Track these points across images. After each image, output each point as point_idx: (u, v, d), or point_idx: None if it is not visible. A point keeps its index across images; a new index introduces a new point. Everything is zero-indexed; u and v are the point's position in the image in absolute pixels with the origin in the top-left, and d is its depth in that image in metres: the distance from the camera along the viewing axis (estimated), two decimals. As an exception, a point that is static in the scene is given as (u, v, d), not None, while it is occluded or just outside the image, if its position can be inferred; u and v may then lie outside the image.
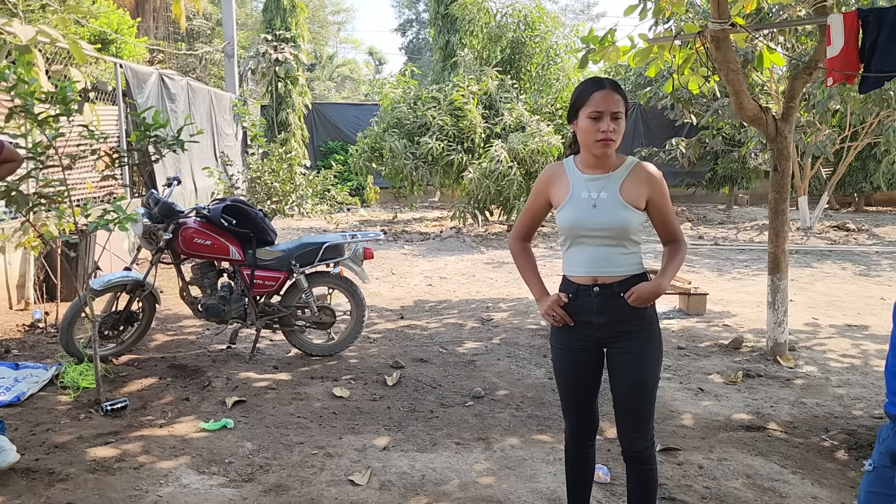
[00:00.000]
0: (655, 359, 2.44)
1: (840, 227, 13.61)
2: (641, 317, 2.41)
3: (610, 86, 2.33)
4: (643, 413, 2.44)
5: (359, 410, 4.20)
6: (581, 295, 2.42)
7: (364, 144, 12.82)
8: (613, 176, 2.39)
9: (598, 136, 2.31)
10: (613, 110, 2.30)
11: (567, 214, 2.41)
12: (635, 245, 2.43)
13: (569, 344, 2.50)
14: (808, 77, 4.92)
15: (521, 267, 2.64)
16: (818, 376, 4.95)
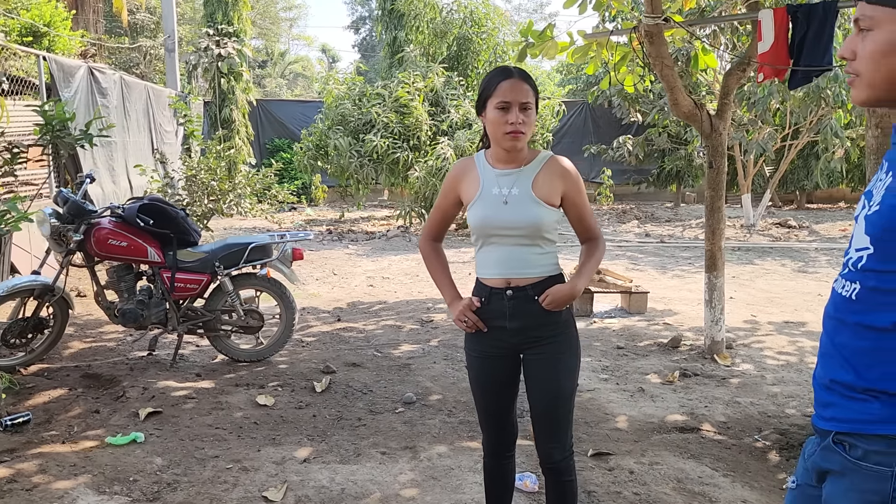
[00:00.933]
0: (572, 365, 2.31)
1: (782, 224, 13.85)
2: (557, 321, 2.27)
3: (518, 75, 2.19)
4: (560, 422, 2.31)
5: (282, 420, 4.00)
6: (494, 298, 2.28)
7: (309, 142, 12.56)
8: (525, 171, 2.25)
9: (506, 128, 2.17)
10: (522, 100, 2.16)
11: (477, 212, 2.26)
12: (550, 244, 2.29)
13: (483, 351, 2.35)
14: (742, 73, 4.89)
15: (431, 269, 2.48)
16: (754, 374, 4.93)
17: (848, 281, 1.36)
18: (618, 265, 9.03)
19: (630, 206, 17.14)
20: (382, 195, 17.39)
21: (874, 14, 1.25)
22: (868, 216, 1.32)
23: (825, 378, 1.39)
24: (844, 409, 1.34)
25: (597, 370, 4.98)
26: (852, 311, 1.33)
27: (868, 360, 1.30)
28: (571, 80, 21.75)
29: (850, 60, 1.32)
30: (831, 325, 1.40)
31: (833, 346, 1.38)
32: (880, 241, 1.27)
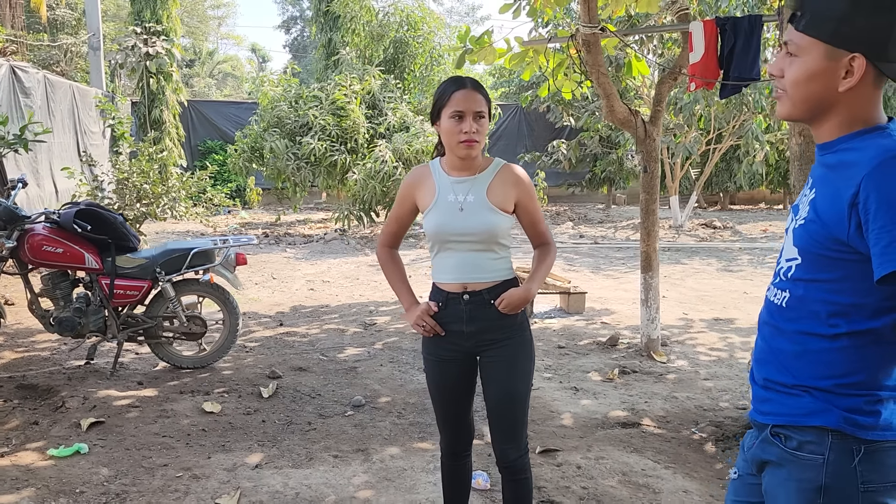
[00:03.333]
0: (527, 367, 2.39)
1: (708, 224, 14.42)
2: (512, 324, 2.35)
3: (471, 85, 2.26)
4: (515, 423, 2.39)
5: (231, 426, 3.96)
6: (451, 303, 2.34)
7: (243, 144, 12.37)
8: (480, 178, 2.33)
9: (460, 136, 2.23)
10: (475, 110, 2.24)
11: (433, 219, 2.32)
12: (504, 250, 2.37)
13: (440, 355, 2.41)
14: (673, 81, 5.11)
15: (389, 276, 2.53)
16: (688, 370, 5.15)
17: (779, 290, 1.49)
18: (555, 266, 9.24)
19: (564, 208, 17.52)
20: (319, 198, 17.25)
21: (801, 42, 1.37)
22: (795, 229, 1.45)
23: (761, 378, 1.52)
24: (780, 405, 1.46)
25: (540, 369, 5.11)
26: (784, 319, 1.46)
27: (799, 362, 1.43)
28: (503, 84, 22.06)
29: (779, 78, 1.44)
30: (766, 331, 1.53)
31: (769, 349, 1.51)
32: (806, 252, 1.40)
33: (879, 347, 1.35)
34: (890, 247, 1.24)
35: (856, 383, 1.36)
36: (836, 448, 1.36)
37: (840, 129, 1.39)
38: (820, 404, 1.38)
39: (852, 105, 1.36)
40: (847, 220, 1.31)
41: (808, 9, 1.35)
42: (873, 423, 1.34)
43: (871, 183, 1.26)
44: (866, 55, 1.31)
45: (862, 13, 1.31)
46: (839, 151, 1.38)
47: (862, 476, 1.35)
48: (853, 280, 1.33)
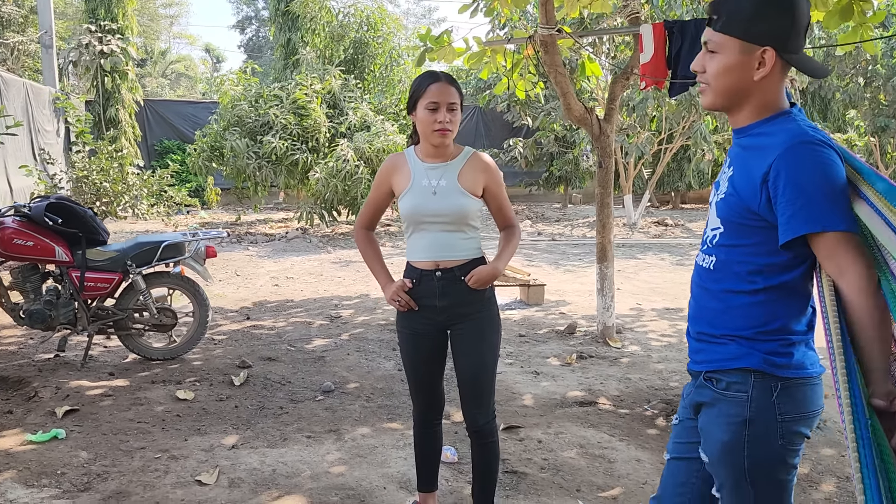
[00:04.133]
0: (494, 339, 2.60)
1: (660, 222, 14.90)
2: (481, 299, 2.56)
3: (445, 79, 2.47)
4: (484, 390, 2.60)
5: (205, 411, 4.09)
6: (424, 280, 2.54)
7: (203, 143, 12.34)
8: (452, 164, 2.53)
9: (435, 126, 2.44)
10: (449, 101, 2.44)
11: (409, 201, 2.52)
12: (474, 230, 2.58)
13: (413, 328, 2.61)
14: (626, 81, 5.39)
15: (366, 255, 2.72)
16: (641, 354, 5.44)
17: (706, 255, 1.73)
18: (515, 261, 9.49)
19: (522, 207, 17.84)
20: (278, 197, 17.24)
21: (720, 40, 1.60)
22: (717, 203, 1.70)
23: (695, 332, 1.76)
24: (710, 353, 1.70)
25: (502, 356, 5.33)
26: (711, 279, 1.71)
27: (725, 316, 1.67)
28: (462, 85, 22.32)
29: (701, 73, 1.67)
30: (697, 292, 1.78)
31: (699, 307, 1.76)
32: (727, 222, 1.65)
33: (790, 299, 1.60)
34: (793, 218, 1.49)
35: (773, 330, 1.60)
36: (757, 386, 1.60)
37: (754, 115, 1.63)
38: (743, 350, 1.62)
39: (764, 93, 1.61)
40: (759, 194, 1.55)
41: (724, 12, 1.58)
42: (787, 363, 1.59)
43: (780, 164, 1.51)
44: (775, 48, 1.56)
45: (768, 13, 1.56)
46: (753, 135, 1.63)
47: (779, 408, 1.59)
48: (766, 244, 1.58)
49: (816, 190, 1.48)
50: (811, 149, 1.50)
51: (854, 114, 17.85)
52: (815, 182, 1.48)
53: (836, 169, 1.51)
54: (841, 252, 1.48)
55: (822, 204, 1.48)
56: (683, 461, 1.85)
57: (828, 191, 1.48)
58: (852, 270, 1.47)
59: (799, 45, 1.60)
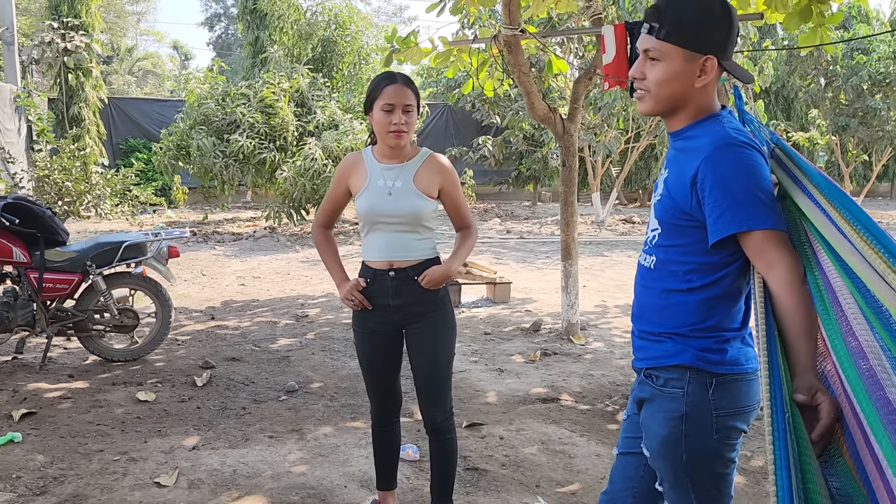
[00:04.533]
0: (449, 338, 2.62)
1: (627, 220, 15.06)
2: (434, 299, 2.58)
3: (401, 80, 2.48)
4: (440, 387, 2.62)
5: (166, 413, 4.06)
6: (378, 279, 2.55)
7: (169, 142, 12.20)
8: (408, 166, 2.55)
9: (390, 127, 2.45)
10: (405, 103, 2.45)
11: (364, 201, 2.53)
12: (429, 231, 2.60)
13: (368, 327, 2.63)
14: (589, 81, 5.45)
15: (323, 253, 2.73)
16: (604, 351, 5.51)
17: (647, 255, 1.77)
18: (482, 259, 9.55)
19: (492, 205, 17.92)
20: (246, 197, 17.11)
21: (663, 48, 1.63)
22: (655, 204, 1.75)
23: (637, 330, 1.81)
24: (650, 350, 1.75)
25: (467, 354, 5.36)
26: (652, 278, 1.75)
27: (664, 313, 1.71)
28: (432, 84, 22.34)
29: (640, 80, 1.70)
30: (639, 290, 1.82)
31: (641, 305, 1.80)
32: (664, 223, 1.70)
33: (725, 297, 1.65)
34: (720, 219, 1.54)
35: (707, 327, 1.64)
36: (693, 382, 1.64)
37: (688, 118, 1.68)
38: (679, 347, 1.66)
39: (701, 98, 1.66)
40: (690, 196, 1.60)
41: (666, 21, 1.62)
42: (721, 360, 1.63)
43: (706, 166, 1.56)
44: (716, 56, 1.60)
45: (710, 23, 1.60)
46: (686, 138, 1.67)
47: (714, 404, 1.63)
48: (701, 243, 1.62)
49: (741, 190, 1.53)
50: (735, 150, 1.55)
51: (816, 113, 18.20)
52: (739, 183, 1.53)
53: (760, 169, 1.56)
54: (768, 249, 1.53)
55: (748, 204, 1.52)
56: (631, 456, 1.90)
57: (752, 191, 1.53)
58: (780, 266, 1.52)
59: (732, 52, 1.65)
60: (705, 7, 1.60)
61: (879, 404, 1.09)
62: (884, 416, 1.06)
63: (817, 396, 1.42)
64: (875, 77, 16.80)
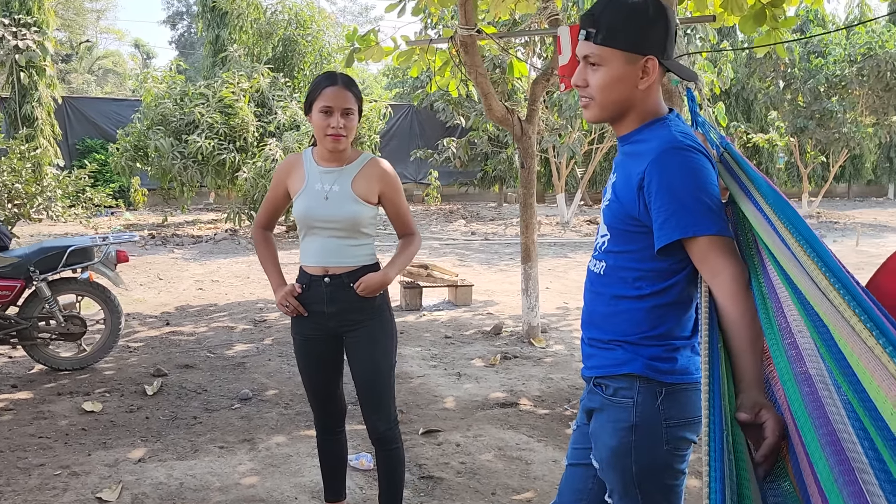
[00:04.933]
0: (388, 346, 2.53)
1: (592, 221, 15.14)
2: (371, 306, 2.50)
3: (342, 82, 2.40)
4: (381, 396, 2.54)
5: (112, 424, 3.92)
6: (313, 285, 2.48)
7: (126, 143, 11.92)
8: (346, 170, 2.47)
9: (328, 130, 2.37)
10: (343, 106, 2.37)
11: (300, 205, 2.46)
12: (367, 237, 2.51)
13: (306, 334, 2.56)
14: (547, 82, 5.43)
15: (261, 256, 2.64)
16: (564, 354, 5.49)
17: (597, 261, 1.73)
18: (445, 261, 9.49)
19: (457, 207, 17.88)
20: (208, 198, 16.83)
21: (602, 53, 1.58)
22: (604, 210, 1.70)
23: (587, 337, 1.76)
24: (599, 359, 1.70)
25: (426, 358, 5.30)
26: (601, 285, 1.70)
27: (613, 321, 1.66)
28: (398, 84, 22.25)
29: (583, 87, 1.64)
30: (589, 297, 1.76)
31: (590, 312, 1.74)
32: (613, 228, 1.65)
33: (675, 304, 1.61)
34: (665, 224, 1.50)
35: (657, 335, 1.60)
36: (643, 391, 1.60)
37: (636, 122, 1.63)
38: (628, 355, 1.62)
39: (646, 100, 1.61)
40: (637, 201, 1.55)
41: (603, 25, 1.57)
42: (671, 369, 1.59)
43: (652, 170, 1.52)
44: (657, 56, 1.56)
45: (647, 23, 1.56)
46: (633, 142, 1.63)
47: (664, 413, 1.59)
48: (650, 249, 1.58)
49: (687, 195, 1.49)
50: (681, 154, 1.51)
51: (775, 115, 18.52)
52: (684, 187, 1.49)
53: (706, 174, 1.52)
54: (713, 256, 1.49)
55: (693, 209, 1.48)
56: (580, 467, 1.85)
57: (698, 196, 1.49)
58: (724, 274, 1.48)
59: (673, 51, 1.61)
60: (639, 8, 1.56)
61: (819, 423, 1.05)
62: (822, 436, 1.03)
63: (761, 414, 1.38)
64: (831, 80, 17.15)
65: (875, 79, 16.70)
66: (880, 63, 16.44)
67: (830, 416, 1.02)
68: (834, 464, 0.95)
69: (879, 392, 0.88)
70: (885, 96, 17.14)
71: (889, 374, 0.88)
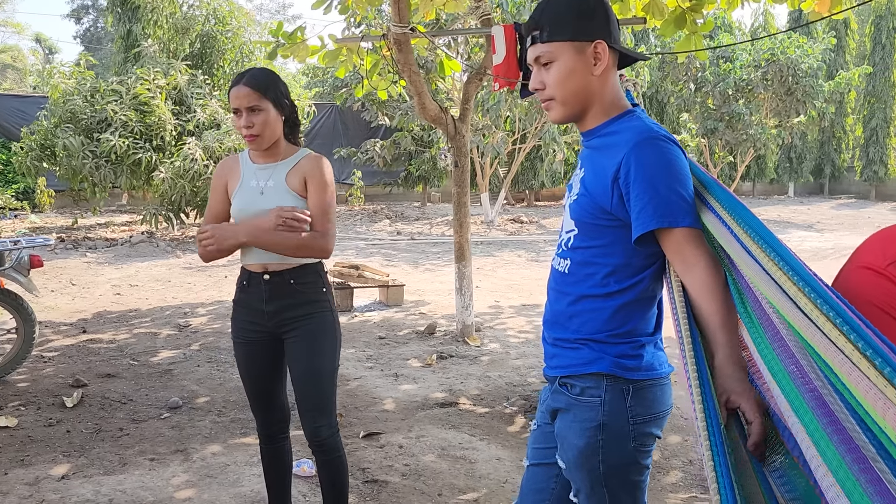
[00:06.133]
0: (330, 346, 2.45)
1: (516, 220, 15.34)
2: (310, 302, 2.42)
3: (246, 81, 2.31)
4: (323, 400, 2.44)
5: (30, 439, 3.68)
6: (253, 283, 2.40)
7: (31, 141, 11.27)
8: (281, 165, 2.40)
9: (242, 131, 2.33)
10: (247, 105, 2.29)
11: (236, 202, 2.39)
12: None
13: (245, 336, 2.46)
14: (479, 82, 5.44)
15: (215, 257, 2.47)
16: (500, 352, 5.52)
17: (561, 258, 1.71)
18: (373, 261, 9.41)
19: (381, 207, 17.77)
20: (121, 199, 16.12)
21: (551, 49, 1.58)
22: (570, 204, 1.69)
23: (551, 337, 1.74)
24: (565, 358, 1.68)
25: (362, 360, 5.22)
26: (566, 283, 1.69)
27: (579, 319, 1.65)
28: (318, 83, 21.93)
29: (542, 90, 1.63)
30: (553, 296, 1.75)
31: (554, 312, 1.73)
32: (581, 223, 1.64)
33: (641, 302, 1.61)
34: (642, 212, 1.50)
35: (623, 333, 1.60)
36: (610, 390, 1.60)
37: (601, 115, 1.63)
38: (595, 354, 1.61)
39: (605, 90, 1.62)
40: (611, 193, 1.55)
41: (545, 22, 1.58)
42: (637, 366, 1.59)
43: (629, 160, 1.51)
44: (605, 39, 1.57)
45: (587, 9, 1.58)
46: (602, 136, 1.63)
47: (631, 411, 1.59)
48: (620, 243, 1.58)
49: (663, 185, 1.50)
50: (657, 144, 1.52)
51: (687, 117, 19.26)
52: (661, 177, 1.50)
53: (682, 164, 1.54)
54: (687, 249, 1.50)
55: (670, 199, 1.49)
56: (542, 467, 1.83)
57: (674, 186, 1.50)
58: (698, 267, 1.49)
59: (619, 36, 1.64)
60: (576, 1, 1.58)
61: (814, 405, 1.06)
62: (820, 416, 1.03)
63: (731, 401, 1.40)
64: (739, 84, 17.97)
65: (778, 83, 17.62)
66: (782, 68, 17.36)
67: (828, 402, 1.03)
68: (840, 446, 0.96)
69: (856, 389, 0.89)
70: (787, 100, 18.11)
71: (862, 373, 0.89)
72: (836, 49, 24.75)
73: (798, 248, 12.31)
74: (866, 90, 25.84)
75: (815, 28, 23.46)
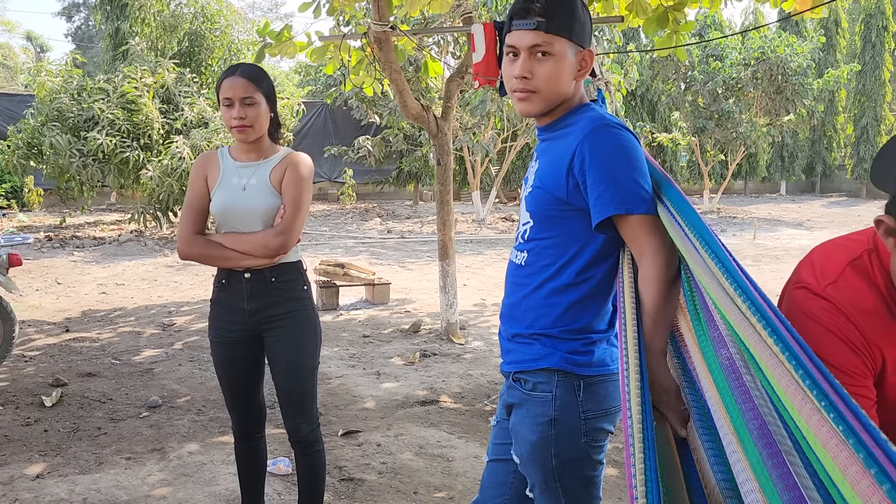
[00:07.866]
0: (311, 343, 2.46)
1: (507, 218, 15.35)
2: (292, 299, 2.42)
3: (241, 72, 2.31)
4: (304, 398, 2.46)
5: (7, 439, 3.67)
6: (233, 281, 2.39)
7: (18, 139, 11.21)
8: (264, 164, 2.39)
9: (231, 122, 2.30)
10: (241, 96, 2.27)
11: (218, 199, 2.36)
12: None
13: (224, 336, 2.45)
14: (461, 80, 5.44)
15: (212, 251, 2.36)
16: (483, 350, 5.52)
17: (518, 251, 1.72)
18: (361, 260, 9.41)
19: (372, 205, 17.76)
20: (110, 198, 16.07)
21: (554, 42, 1.55)
22: (526, 197, 1.69)
23: (507, 332, 1.74)
24: (518, 353, 1.69)
25: (344, 358, 5.22)
26: (522, 276, 1.69)
27: (533, 314, 1.65)
28: (310, 82, 21.89)
29: (528, 79, 1.58)
30: (510, 289, 1.74)
31: (511, 305, 1.73)
32: (536, 215, 1.64)
33: (595, 298, 1.62)
34: (600, 199, 1.50)
35: (576, 329, 1.61)
36: (561, 385, 1.60)
37: (561, 112, 1.64)
38: (547, 349, 1.62)
39: (575, 94, 1.63)
40: (566, 181, 1.55)
41: (556, 15, 1.54)
42: (588, 361, 1.60)
43: (584, 147, 1.52)
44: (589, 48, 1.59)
45: (583, 17, 1.58)
46: (560, 128, 1.63)
47: (583, 406, 1.60)
48: (576, 234, 1.58)
49: (618, 171, 1.50)
50: (610, 131, 1.53)
51: (677, 115, 19.30)
52: (616, 163, 1.50)
53: (636, 150, 1.54)
54: (642, 236, 1.50)
55: (625, 186, 1.49)
56: (501, 462, 1.83)
57: (629, 172, 1.51)
58: (648, 254, 1.49)
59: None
60: (575, 2, 1.57)
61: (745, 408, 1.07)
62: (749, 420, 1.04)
63: (662, 410, 1.45)
64: (728, 82, 18.01)
65: (768, 81, 17.67)
66: (772, 67, 17.41)
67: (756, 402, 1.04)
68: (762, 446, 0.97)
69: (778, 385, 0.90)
70: (776, 98, 18.16)
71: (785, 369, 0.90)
72: (827, 48, 24.86)
73: (787, 246, 12.36)
74: (857, 89, 25.97)
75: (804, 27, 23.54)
